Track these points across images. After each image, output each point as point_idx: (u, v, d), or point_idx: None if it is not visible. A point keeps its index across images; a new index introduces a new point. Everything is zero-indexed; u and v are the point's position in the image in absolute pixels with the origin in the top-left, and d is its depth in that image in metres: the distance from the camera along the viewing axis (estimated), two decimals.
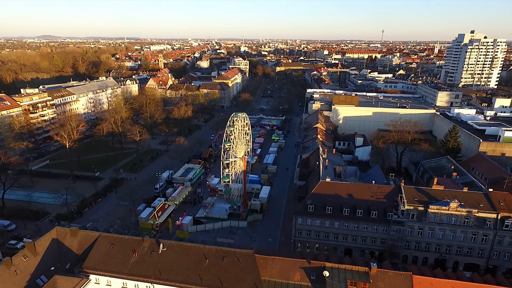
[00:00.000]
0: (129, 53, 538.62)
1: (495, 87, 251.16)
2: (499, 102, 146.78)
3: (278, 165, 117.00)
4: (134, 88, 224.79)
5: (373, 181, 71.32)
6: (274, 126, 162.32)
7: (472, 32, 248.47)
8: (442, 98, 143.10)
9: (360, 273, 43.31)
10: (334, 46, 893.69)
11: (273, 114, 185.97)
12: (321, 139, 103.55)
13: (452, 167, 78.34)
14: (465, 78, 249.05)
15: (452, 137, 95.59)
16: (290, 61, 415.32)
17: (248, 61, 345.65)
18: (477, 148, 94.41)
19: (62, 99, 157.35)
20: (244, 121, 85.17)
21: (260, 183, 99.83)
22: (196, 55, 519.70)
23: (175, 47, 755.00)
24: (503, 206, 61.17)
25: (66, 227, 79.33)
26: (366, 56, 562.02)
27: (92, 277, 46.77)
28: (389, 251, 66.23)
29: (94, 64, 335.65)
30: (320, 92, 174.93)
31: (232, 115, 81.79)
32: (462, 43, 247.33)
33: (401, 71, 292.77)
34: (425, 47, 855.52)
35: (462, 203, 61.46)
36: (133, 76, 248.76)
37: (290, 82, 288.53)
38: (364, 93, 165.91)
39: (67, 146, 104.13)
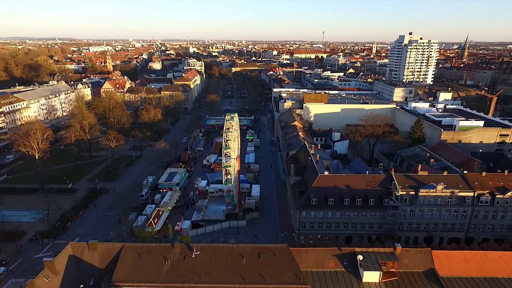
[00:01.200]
0: (68, 55, 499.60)
1: (431, 83, 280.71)
2: (443, 96, 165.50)
3: (259, 164, 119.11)
4: (86, 92, 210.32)
5: (367, 172, 77.04)
6: (245, 126, 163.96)
7: (411, 33, 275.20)
8: (398, 94, 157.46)
9: (388, 254, 47.54)
10: (280, 47, 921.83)
11: (239, 114, 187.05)
12: (302, 135, 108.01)
13: (428, 154, 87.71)
14: (407, 75, 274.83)
15: (418, 128, 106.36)
16: (244, 61, 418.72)
17: (203, 62, 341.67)
18: (438, 137, 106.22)
19: (11, 107, 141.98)
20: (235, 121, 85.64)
21: (248, 182, 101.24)
22: (144, 56, 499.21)
23: (117, 49, 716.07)
24: (477, 185, 70.54)
25: (49, 243, 74.20)
26: (313, 56, 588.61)
27: None
28: (386, 234, 72.34)
29: (32, 68, 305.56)
30: (285, 91, 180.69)
31: (227, 118, 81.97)
32: (403, 44, 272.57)
33: (351, 70, 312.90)
34: (362, 47, 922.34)
35: (445, 185, 69.58)
36: (84, 80, 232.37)
37: (248, 83, 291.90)
38: (327, 91, 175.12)
39: (37, 157, 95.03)
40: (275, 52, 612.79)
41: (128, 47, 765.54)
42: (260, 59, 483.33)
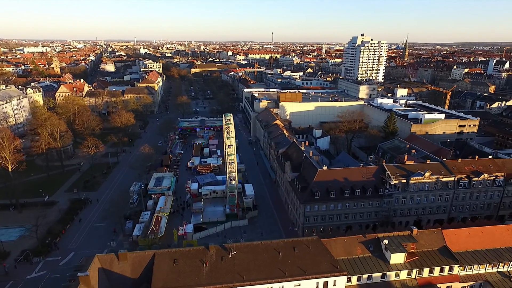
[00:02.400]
0: (2, 56, 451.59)
1: (382, 80, 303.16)
2: (400, 92, 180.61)
3: (244, 163, 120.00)
4: (37, 97, 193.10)
5: (361, 164, 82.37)
6: (220, 127, 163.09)
7: (362, 35, 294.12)
8: (363, 91, 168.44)
9: (407, 237, 52.13)
10: (232, 47, 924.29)
11: (209, 116, 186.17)
12: (287, 134, 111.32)
13: (408, 145, 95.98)
14: (361, 74, 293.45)
15: (391, 123, 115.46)
16: (203, 62, 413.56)
17: (161, 64, 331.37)
18: (409, 130, 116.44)
19: None
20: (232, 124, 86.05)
21: (239, 182, 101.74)
22: (92, 57, 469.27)
23: (57, 50, 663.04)
24: (456, 171, 79.29)
25: (41, 262, 68.45)
26: (267, 56, 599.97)
27: None
28: (381, 221, 78.16)
29: None
30: (255, 91, 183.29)
31: (226, 121, 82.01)
32: (356, 44, 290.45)
33: (310, 70, 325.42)
34: (311, 47, 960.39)
35: (431, 172, 77.21)
36: (33, 84, 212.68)
37: (211, 84, 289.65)
38: (296, 91, 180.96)
39: (10, 169, 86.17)
40: (229, 53, 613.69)
41: (70, 48, 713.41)
42: (218, 60, 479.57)
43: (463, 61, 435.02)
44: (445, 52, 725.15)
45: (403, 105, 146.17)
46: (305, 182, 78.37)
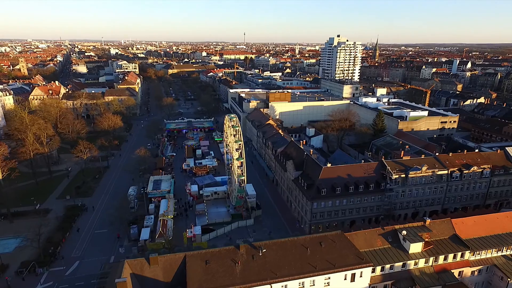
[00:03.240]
0: None
1: (358, 80, 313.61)
2: (379, 91, 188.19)
3: None
4: (8, 100, 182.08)
5: (362, 161, 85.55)
6: (209, 128, 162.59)
7: (338, 36, 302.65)
8: (347, 91, 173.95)
9: (421, 227, 55.21)
10: (204, 48, 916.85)
11: (195, 117, 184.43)
12: (282, 133, 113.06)
13: (400, 142, 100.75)
14: (338, 74, 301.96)
15: (380, 120, 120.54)
16: (177, 63, 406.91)
17: (137, 65, 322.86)
18: (396, 127, 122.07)
19: None
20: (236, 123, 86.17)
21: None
22: (60, 58, 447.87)
23: (17, 50, 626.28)
24: (449, 164, 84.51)
25: (45, 273, 65.52)
26: (242, 57, 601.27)
27: None
28: (384, 215, 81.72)
29: None
30: (241, 91, 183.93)
31: (233, 123, 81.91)
32: (333, 45, 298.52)
33: (288, 70, 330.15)
34: (283, 48, 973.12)
35: (428, 167, 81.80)
36: (1, 86, 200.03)
37: (191, 84, 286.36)
38: (285, 91, 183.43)
39: (0, 177, 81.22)
40: (204, 53, 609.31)
41: (32, 48, 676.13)
42: (194, 60, 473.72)
43: (429, 61, 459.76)
44: (411, 52, 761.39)
45: (386, 104, 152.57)
46: (310, 179, 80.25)
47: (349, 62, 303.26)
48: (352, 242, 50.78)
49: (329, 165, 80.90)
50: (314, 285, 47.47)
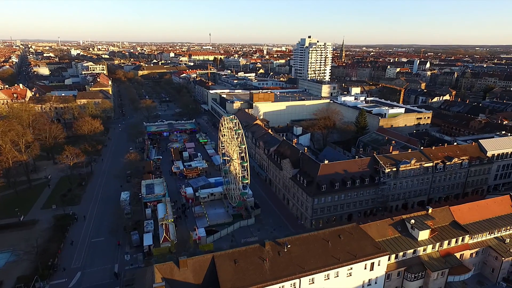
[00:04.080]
0: None
1: (329, 79, 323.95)
2: (354, 90, 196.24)
3: None
4: None
5: (356, 157, 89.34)
6: (192, 129, 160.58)
7: (309, 37, 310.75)
8: (325, 90, 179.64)
9: (425, 216, 59.28)
10: (169, 48, 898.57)
11: (174, 118, 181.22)
12: (272, 133, 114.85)
13: (386, 137, 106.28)
14: (310, 74, 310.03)
15: (363, 118, 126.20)
16: (145, 64, 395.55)
17: (105, 66, 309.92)
18: (377, 124, 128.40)
19: None
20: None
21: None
22: (14, 59, 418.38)
23: None
24: (433, 157, 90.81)
25: (45, 286, 62.23)
26: (211, 57, 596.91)
27: None
28: (378, 207, 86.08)
29: None
30: (220, 92, 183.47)
31: (236, 129, 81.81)
32: (305, 46, 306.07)
33: (261, 70, 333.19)
34: (250, 49, 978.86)
35: (416, 160, 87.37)
36: None
37: (164, 86, 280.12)
38: (268, 91, 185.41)
39: None
40: (172, 54, 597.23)
41: None
42: (164, 62, 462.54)
43: (391, 61, 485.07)
44: (372, 53, 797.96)
45: (364, 102, 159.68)
46: (309, 176, 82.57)
47: (320, 62, 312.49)
48: (367, 233, 53.48)
49: (326, 162, 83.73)
50: (338, 276, 49.52)
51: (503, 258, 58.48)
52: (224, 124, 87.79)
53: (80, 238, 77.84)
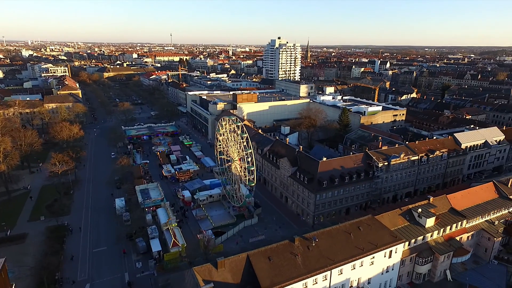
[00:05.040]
0: None
1: (299, 79, 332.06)
2: (328, 90, 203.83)
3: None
4: None
5: (351, 153, 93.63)
6: (174, 132, 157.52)
7: (279, 38, 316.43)
8: (303, 90, 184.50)
9: (428, 204, 64.22)
10: (129, 49, 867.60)
11: (149, 121, 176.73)
12: (262, 133, 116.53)
13: (372, 134, 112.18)
14: (281, 74, 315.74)
15: (345, 116, 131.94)
16: (115, 66, 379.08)
17: (67, 68, 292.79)
18: (358, 121, 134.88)
19: None
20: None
21: (228, 183, 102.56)
22: None
23: None
24: (418, 151, 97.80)
25: None
26: (176, 58, 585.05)
27: None
28: (372, 200, 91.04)
29: None
30: (199, 93, 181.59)
31: (240, 133, 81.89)
32: (275, 47, 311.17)
33: (233, 71, 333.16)
34: (213, 49, 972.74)
35: (404, 154, 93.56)
36: None
37: (134, 88, 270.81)
38: (251, 91, 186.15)
39: None
40: (135, 55, 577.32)
41: None
42: (128, 62, 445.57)
43: (353, 61, 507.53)
44: (333, 53, 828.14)
45: (342, 101, 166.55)
46: (309, 174, 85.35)
47: (290, 63, 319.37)
48: (383, 224, 57.03)
49: (324, 159, 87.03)
50: (362, 265, 52.46)
51: (495, 239, 65.08)
52: (224, 125, 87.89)
53: (79, 249, 74.21)
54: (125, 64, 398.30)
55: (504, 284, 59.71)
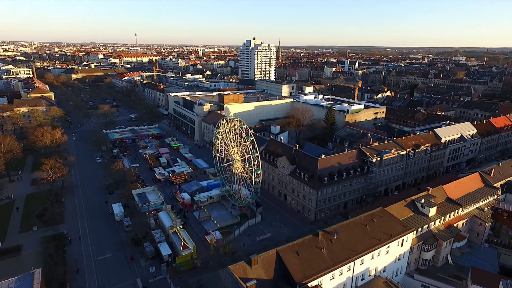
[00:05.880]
0: None
1: (274, 79, 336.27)
2: (308, 89, 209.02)
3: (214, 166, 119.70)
4: None
5: (346, 150, 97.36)
6: (159, 134, 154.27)
7: (254, 38, 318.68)
8: (285, 90, 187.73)
9: (428, 195, 68.84)
10: (92, 49, 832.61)
11: (129, 124, 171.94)
12: (254, 132, 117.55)
13: (361, 131, 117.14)
14: (257, 74, 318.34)
15: (331, 115, 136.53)
16: (83, 67, 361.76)
17: (31, 70, 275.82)
18: (343, 119, 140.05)
19: None
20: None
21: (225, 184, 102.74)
22: None
23: None
24: (405, 146, 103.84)
25: None
26: (145, 59, 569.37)
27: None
28: (368, 194, 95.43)
29: None
30: (181, 95, 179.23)
31: (245, 135, 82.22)
32: (250, 47, 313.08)
33: (208, 72, 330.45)
34: (182, 50, 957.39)
35: (395, 149, 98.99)
36: None
37: (107, 90, 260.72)
38: (236, 92, 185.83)
39: None
40: (101, 56, 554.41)
41: None
42: (98, 64, 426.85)
43: (322, 61, 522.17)
44: (302, 54, 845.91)
45: (323, 100, 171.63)
46: (309, 171, 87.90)
47: (265, 63, 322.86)
48: (393, 215, 60.57)
49: (323, 156, 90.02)
50: (379, 255, 55.44)
51: (486, 224, 71.17)
52: (225, 124, 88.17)
53: (83, 258, 71.38)
54: (92, 65, 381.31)
55: (497, 265, 65.58)
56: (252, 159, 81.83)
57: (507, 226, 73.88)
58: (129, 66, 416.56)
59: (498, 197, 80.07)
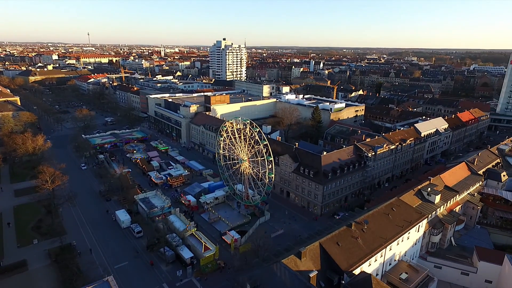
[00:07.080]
0: None
1: (245, 80, 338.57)
2: (285, 89, 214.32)
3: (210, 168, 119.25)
4: None
5: (343, 147, 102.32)
6: (143, 137, 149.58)
7: (224, 39, 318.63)
8: (266, 90, 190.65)
9: (430, 185, 75.16)
10: (41, 49, 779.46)
11: (104, 128, 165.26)
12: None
13: (351, 128, 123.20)
14: (228, 75, 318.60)
15: (317, 114, 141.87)
16: (41, 69, 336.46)
17: None
18: (328, 117, 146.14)
19: None
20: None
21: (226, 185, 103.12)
22: None
23: None
24: (394, 140, 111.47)
25: None
26: (105, 60, 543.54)
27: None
28: (365, 187, 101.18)
29: None
30: (161, 97, 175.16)
31: (258, 139, 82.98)
32: (221, 48, 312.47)
33: (179, 73, 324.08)
34: (139, 50, 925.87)
35: (386, 144, 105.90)
36: None
37: (73, 93, 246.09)
38: (223, 93, 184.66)
39: None
40: (55, 56, 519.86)
41: None
42: (57, 65, 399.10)
43: (288, 61, 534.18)
44: (264, 54, 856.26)
45: (305, 100, 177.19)
46: (313, 168, 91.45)
47: (236, 63, 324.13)
48: (408, 204, 65.72)
49: (325, 153, 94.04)
50: (403, 241, 60.05)
51: (478, 207, 79.36)
52: (232, 125, 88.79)
53: (99, 268, 68.33)
54: (50, 67, 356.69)
55: (491, 243, 73.50)
56: (266, 163, 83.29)
57: (493, 208, 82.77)
58: (90, 67, 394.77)
59: (482, 183, 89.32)
